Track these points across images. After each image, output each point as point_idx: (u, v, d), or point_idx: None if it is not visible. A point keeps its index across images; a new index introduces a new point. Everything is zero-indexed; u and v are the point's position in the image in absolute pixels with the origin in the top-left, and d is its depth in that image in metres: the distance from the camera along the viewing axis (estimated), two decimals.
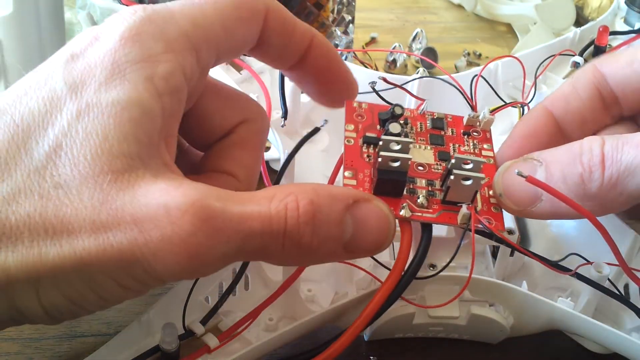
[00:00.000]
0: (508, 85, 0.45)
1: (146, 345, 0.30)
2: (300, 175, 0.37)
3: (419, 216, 0.28)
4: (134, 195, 0.22)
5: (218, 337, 0.29)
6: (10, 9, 0.43)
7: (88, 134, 0.22)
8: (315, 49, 0.29)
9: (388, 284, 0.27)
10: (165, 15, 0.24)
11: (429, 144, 0.31)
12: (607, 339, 0.31)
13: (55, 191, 0.22)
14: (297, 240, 0.23)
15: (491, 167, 0.30)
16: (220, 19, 0.26)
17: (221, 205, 0.22)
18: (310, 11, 0.51)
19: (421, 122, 0.32)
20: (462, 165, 0.27)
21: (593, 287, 0.31)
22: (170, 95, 0.24)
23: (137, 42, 0.24)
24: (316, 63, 0.29)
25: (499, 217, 0.28)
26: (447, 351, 0.34)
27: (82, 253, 0.22)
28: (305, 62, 0.29)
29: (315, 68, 0.29)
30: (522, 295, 0.31)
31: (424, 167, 0.30)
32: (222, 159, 0.29)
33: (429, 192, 0.28)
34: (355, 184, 0.28)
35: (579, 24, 0.56)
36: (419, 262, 0.28)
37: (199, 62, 0.25)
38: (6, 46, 0.44)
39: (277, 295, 0.30)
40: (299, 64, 0.29)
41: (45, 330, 0.34)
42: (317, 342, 0.34)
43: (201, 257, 0.22)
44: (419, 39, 0.58)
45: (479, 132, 0.32)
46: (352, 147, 0.30)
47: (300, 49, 0.28)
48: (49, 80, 0.23)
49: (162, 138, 0.24)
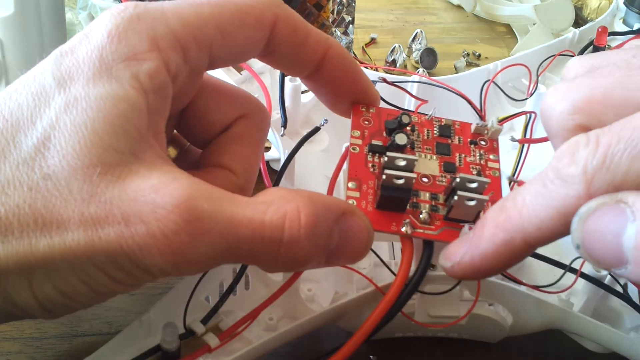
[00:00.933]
0: (507, 86, 0.45)
1: (147, 345, 0.30)
2: (300, 175, 0.37)
3: (421, 233, 0.28)
4: (124, 189, 0.22)
5: (218, 337, 0.30)
6: (11, 9, 0.43)
7: (77, 127, 0.22)
8: (330, 59, 0.28)
9: (387, 301, 0.27)
10: (155, 13, 0.25)
11: (435, 154, 0.30)
12: (606, 339, 0.31)
13: (44, 182, 0.22)
14: (295, 252, 0.23)
15: (496, 181, 0.30)
16: (217, 21, 0.26)
17: (210, 207, 0.22)
18: (310, 12, 0.51)
19: (428, 129, 0.31)
20: (466, 185, 0.27)
21: (594, 284, 0.31)
22: (155, 92, 0.24)
23: (123, 40, 0.24)
24: (331, 75, 0.29)
25: None
26: (447, 351, 0.34)
27: (71, 244, 0.22)
28: (320, 72, 0.28)
29: (330, 79, 0.29)
30: (521, 294, 0.31)
31: (428, 179, 0.29)
32: (220, 154, 0.29)
33: (432, 207, 0.28)
34: (358, 196, 0.28)
35: (577, 25, 0.56)
36: (419, 278, 0.28)
37: (187, 61, 0.25)
38: (7, 46, 0.44)
39: (277, 295, 0.30)
40: (315, 74, 0.29)
41: (47, 330, 0.34)
42: (317, 342, 0.34)
43: (185, 255, 0.22)
44: (418, 39, 0.58)
45: (486, 141, 0.31)
46: (357, 156, 0.29)
47: (313, 60, 0.28)
48: (38, 77, 0.24)
49: (152, 134, 0.24)
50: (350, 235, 0.25)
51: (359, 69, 0.29)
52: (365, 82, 0.30)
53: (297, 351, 0.34)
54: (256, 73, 0.40)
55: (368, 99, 0.30)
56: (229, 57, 0.27)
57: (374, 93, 0.30)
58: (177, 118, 0.29)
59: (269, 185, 0.34)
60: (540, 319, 0.32)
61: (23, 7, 0.43)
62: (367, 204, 0.28)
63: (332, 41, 0.28)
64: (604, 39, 0.46)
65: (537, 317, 0.32)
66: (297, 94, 0.39)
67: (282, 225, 0.23)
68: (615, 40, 0.47)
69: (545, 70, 0.44)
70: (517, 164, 0.37)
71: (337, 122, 0.35)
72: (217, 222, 0.22)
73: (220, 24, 0.26)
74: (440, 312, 0.31)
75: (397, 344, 0.34)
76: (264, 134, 0.30)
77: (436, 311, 0.31)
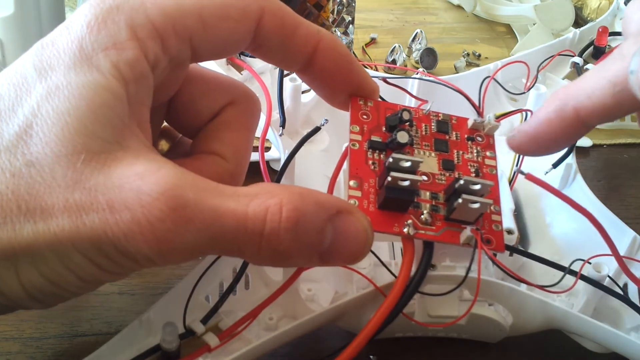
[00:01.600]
0: (507, 86, 0.45)
1: (147, 345, 0.30)
2: (300, 175, 0.37)
3: (422, 234, 0.27)
4: (109, 176, 0.22)
5: (218, 336, 0.30)
6: (12, 9, 0.43)
7: (59, 114, 0.22)
8: (322, 52, 0.28)
9: (389, 303, 0.27)
10: (134, 4, 0.25)
11: (434, 150, 0.30)
12: (606, 339, 0.31)
13: (27, 169, 0.22)
14: (275, 245, 0.23)
15: (493, 178, 0.30)
16: (198, 13, 0.25)
17: (194, 197, 0.22)
18: (310, 12, 0.51)
19: (426, 125, 0.31)
20: (470, 187, 0.27)
21: (594, 286, 0.31)
22: (136, 81, 0.24)
23: (103, 30, 0.24)
24: (324, 67, 0.28)
25: (498, 236, 0.28)
26: (447, 350, 0.34)
27: (56, 230, 0.22)
28: (313, 65, 0.28)
29: (323, 72, 0.29)
30: (521, 294, 0.31)
31: (428, 178, 0.29)
32: (209, 140, 0.29)
33: (432, 207, 0.28)
34: (360, 195, 0.28)
35: (578, 25, 0.56)
36: (420, 279, 0.28)
37: (166, 51, 0.25)
38: (7, 46, 0.44)
39: (277, 294, 0.30)
40: (307, 68, 0.28)
41: (47, 330, 0.34)
42: (317, 342, 0.34)
43: (169, 243, 0.22)
44: (418, 39, 0.58)
45: (483, 137, 0.31)
46: (357, 152, 0.29)
47: (303, 53, 0.28)
48: (19, 69, 0.24)
49: (135, 123, 0.24)
50: (345, 235, 0.25)
51: (354, 60, 0.29)
52: (360, 73, 0.29)
53: (297, 351, 0.34)
54: (256, 73, 0.40)
55: (365, 91, 0.30)
56: (213, 49, 0.27)
57: (372, 85, 0.30)
58: (165, 109, 0.29)
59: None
60: (541, 319, 0.32)
61: (23, 7, 0.43)
62: (369, 203, 0.28)
63: (323, 33, 0.28)
64: (604, 39, 0.46)
65: (537, 317, 0.32)
66: (297, 94, 0.39)
67: (264, 217, 0.23)
68: (616, 40, 0.47)
69: (546, 70, 0.44)
70: (516, 163, 0.37)
71: (337, 122, 0.35)
72: (202, 211, 0.22)
73: (202, 15, 0.26)
74: (440, 312, 0.31)
75: (397, 344, 0.34)
76: (253, 119, 0.30)
77: (436, 311, 0.31)
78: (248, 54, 0.42)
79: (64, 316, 0.35)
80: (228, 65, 0.42)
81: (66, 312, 0.35)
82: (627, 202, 0.38)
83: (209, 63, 0.42)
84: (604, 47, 0.46)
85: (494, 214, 0.29)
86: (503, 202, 0.34)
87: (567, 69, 0.46)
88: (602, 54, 0.46)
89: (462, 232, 0.28)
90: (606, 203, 0.36)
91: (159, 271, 0.38)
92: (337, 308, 0.30)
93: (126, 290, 0.36)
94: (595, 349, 0.33)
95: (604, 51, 0.46)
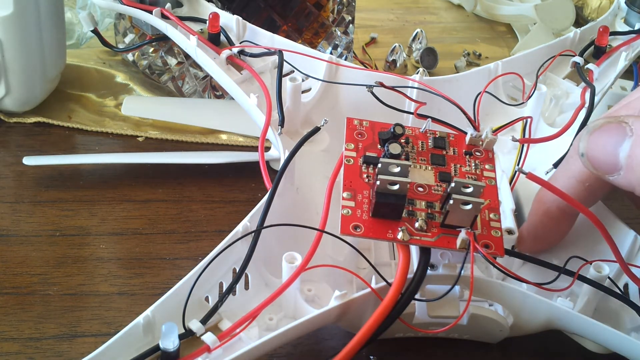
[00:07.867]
0: (508, 86, 0.45)
1: (146, 345, 0.30)
2: (300, 175, 0.37)
3: (417, 240, 0.28)
4: None
5: (218, 337, 0.29)
6: (11, 9, 0.43)
7: None
8: None
9: (382, 309, 0.27)
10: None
11: (430, 164, 0.30)
12: (607, 339, 0.31)
13: None
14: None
15: (492, 189, 0.30)
16: None
17: None
18: (310, 11, 0.51)
19: (422, 141, 0.31)
20: (462, 189, 0.27)
21: (594, 287, 0.31)
22: None
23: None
24: None
25: (498, 241, 0.28)
26: (447, 351, 0.34)
27: None
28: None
29: None
30: (522, 295, 0.31)
31: (424, 189, 0.29)
32: None
33: (428, 215, 0.28)
34: (353, 206, 0.28)
35: (578, 25, 0.56)
36: (417, 285, 0.28)
37: None
38: (7, 46, 0.44)
39: (277, 294, 0.30)
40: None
41: (46, 330, 0.34)
42: (317, 342, 0.34)
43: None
44: (418, 39, 0.58)
45: (481, 152, 0.31)
46: (351, 167, 0.29)
47: None
48: None
49: None
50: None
51: None
52: None
53: (297, 351, 0.34)
54: (256, 73, 0.40)
55: None
56: None
57: None
58: None
59: (269, 185, 0.34)
60: (541, 320, 0.32)
61: (23, 7, 0.43)
62: (363, 212, 0.28)
63: None
64: (605, 39, 0.46)
65: (537, 317, 0.31)
66: (297, 94, 0.39)
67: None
68: (617, 40, 0.47)
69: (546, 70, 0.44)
70: (517, 164, 0.37)
71: (337, 122, 0.35)
72: None
73: None
74: (440, 312, 0.31)
75: (397, 344, 0.34)
76: None
77: (436, 311, 0.31)
78: (248, 53, 0.42)
79: (63, 316, 0.35)
80: (228, 65, 0.42)
81: (66, 313, 0.35)
82: (628, 202, 0.38)
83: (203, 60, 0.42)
84: (605, 46, 0.46)
85: (493, 221, 0.29)
86: (504, 201, 0.34)
87: (567, 68, 0.45)
88: (602, 53, 0.45)
89: (458, 237, 0.28)
90: (606, 203, 0.36)
91: (158, 271, 0.38)
92: (337, 308, 0.30)
93: (126, 290, 0.36)
94: (595, 349, 0.33)
95: (604, 51, 0.46)
